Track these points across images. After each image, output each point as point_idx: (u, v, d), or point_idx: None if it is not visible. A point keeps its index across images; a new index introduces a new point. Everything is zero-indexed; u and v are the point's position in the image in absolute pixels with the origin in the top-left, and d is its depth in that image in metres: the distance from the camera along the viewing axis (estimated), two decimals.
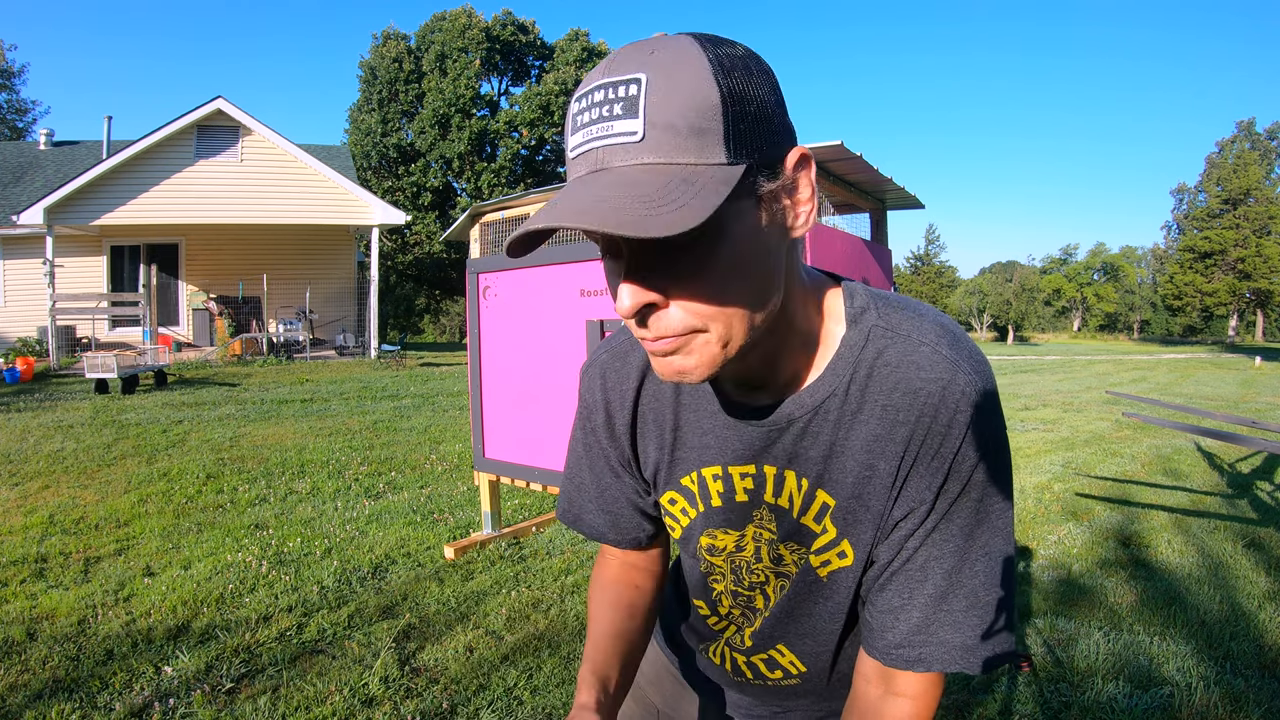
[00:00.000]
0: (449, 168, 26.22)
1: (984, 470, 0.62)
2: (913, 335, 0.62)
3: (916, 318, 0.63)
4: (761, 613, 0.77)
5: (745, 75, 0.50)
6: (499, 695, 2.18)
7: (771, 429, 0.66)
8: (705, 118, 0.48)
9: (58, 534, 3.71)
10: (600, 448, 0.79)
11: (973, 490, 0.62)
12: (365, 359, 13.46)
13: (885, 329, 0.63)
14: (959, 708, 2.12)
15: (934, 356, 0.61)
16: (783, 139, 0.52)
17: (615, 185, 0.47)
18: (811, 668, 0.79)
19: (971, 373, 0.61)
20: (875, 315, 0.63)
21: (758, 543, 0.73)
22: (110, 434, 6.32)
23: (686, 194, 0.46)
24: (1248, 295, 42.06)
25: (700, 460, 0.71)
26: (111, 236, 14.26)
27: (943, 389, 0.60)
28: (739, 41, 0.53)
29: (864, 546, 0.67)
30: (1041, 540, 3.62)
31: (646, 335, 0.54)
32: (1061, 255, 66.82)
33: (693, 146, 0.48)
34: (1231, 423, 4.57)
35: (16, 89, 31.69)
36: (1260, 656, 2.39)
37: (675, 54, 0.49)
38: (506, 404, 3.45)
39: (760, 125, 0.50)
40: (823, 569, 0.70)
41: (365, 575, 3.17)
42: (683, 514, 0.76)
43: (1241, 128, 43.18)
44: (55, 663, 2.34)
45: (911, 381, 0.61)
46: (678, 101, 0.48)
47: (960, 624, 0.64)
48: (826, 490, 0.66)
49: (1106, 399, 10.00)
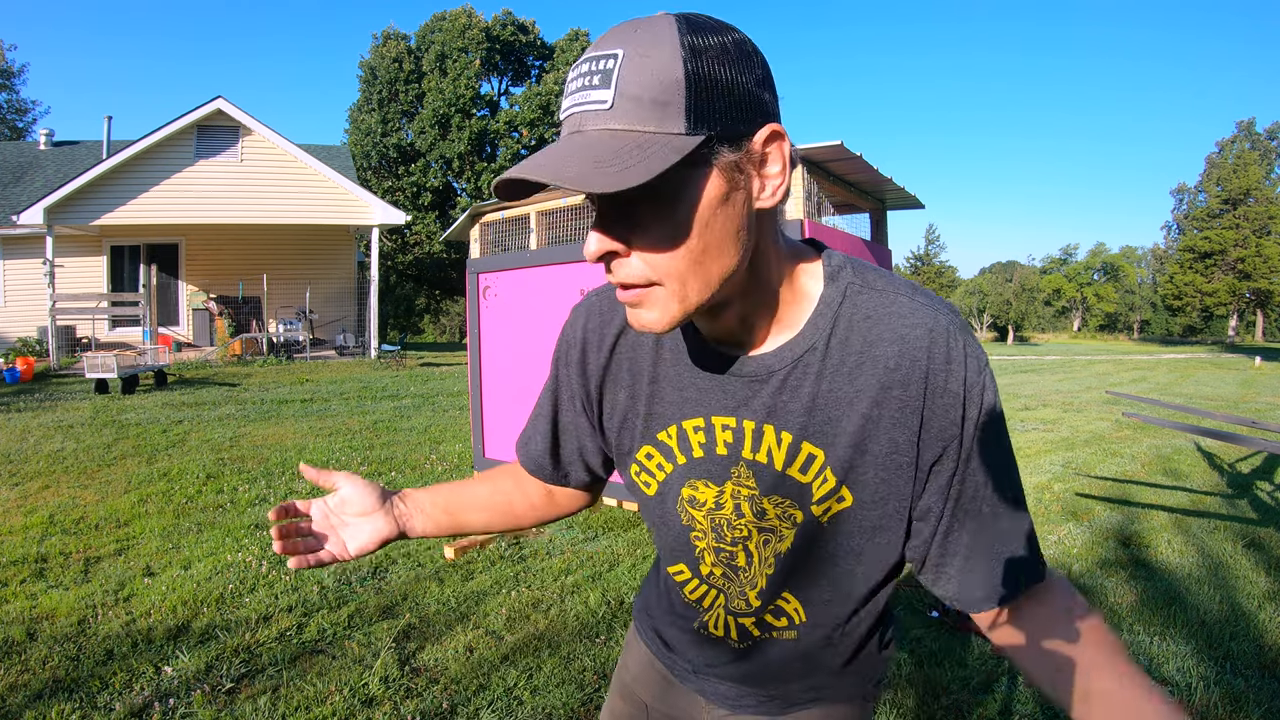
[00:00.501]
0: (449, 168, 26.23)
1: (992, 397, 0.67)
2: (887, 290, 0.67)
3: (888, 276, 0.69)
4: (748, 570, 0.78)
5: (718, 57, 0.54)
6: (499, 695, 2.18)
7: (751, 380, 0.69)
8: (669, 92, 0.53)
9: (58, 534, 3.71)
10: (568, 382, 0.83)
11: (990, 417, 0.66)
12: (365, 359, 13.46)
13: (861, 285, 0.67)
14: (959, 707, 2.12)
15: (911, 304, 0.66)
16: (754, 116, 0.56)
17: (581, 146, 0.54)
18: (812, 617, 0.79)
19: (950, 312, 0.67)
20: (851, 274, 0.68)
21: (736, 500, 0.74)
22: (110, 434, 6.32)
23: (636, 157, 0.52)
24: (1248, 295, 42.06)
25: (680, 414, 0.74)
26: (111, 236, 14.27)
27: (929, 331, 0.65)
28: (734, 27, 0.57)
29: (866, 489, 0.70)
30: (1041, 540, 3.60)
31: (613, 280, 0.60)
32: (1061, 255, 66.89)
33: (654, 117, 0.53)
34: (1231, 423, 4.57)
35: (16, 89, 31.73)
36: (1260, 656, 2.39)
37: (653, 34, 0.54)
38: (506, 404, 3.45)
39: (726, 102, 0.54)
40: (825, 516, 0.72)
41: (365, 575, 3.17)
42: (658, 469, 0.78)
43: (1241, 128, 43.20)
44: (55, 663, 2.34)
45: (896, 329, 0.65)
46: (645, 76, 0.53)
47: (1019, 548, 0.70)
48: (813, 443, 0.68)
49: (1106, 399, 10.00)
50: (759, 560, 0.77)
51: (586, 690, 2.22)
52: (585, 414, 0.83)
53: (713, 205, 0.56)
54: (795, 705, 0.84)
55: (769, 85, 0.57)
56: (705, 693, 0.90)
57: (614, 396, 0.79)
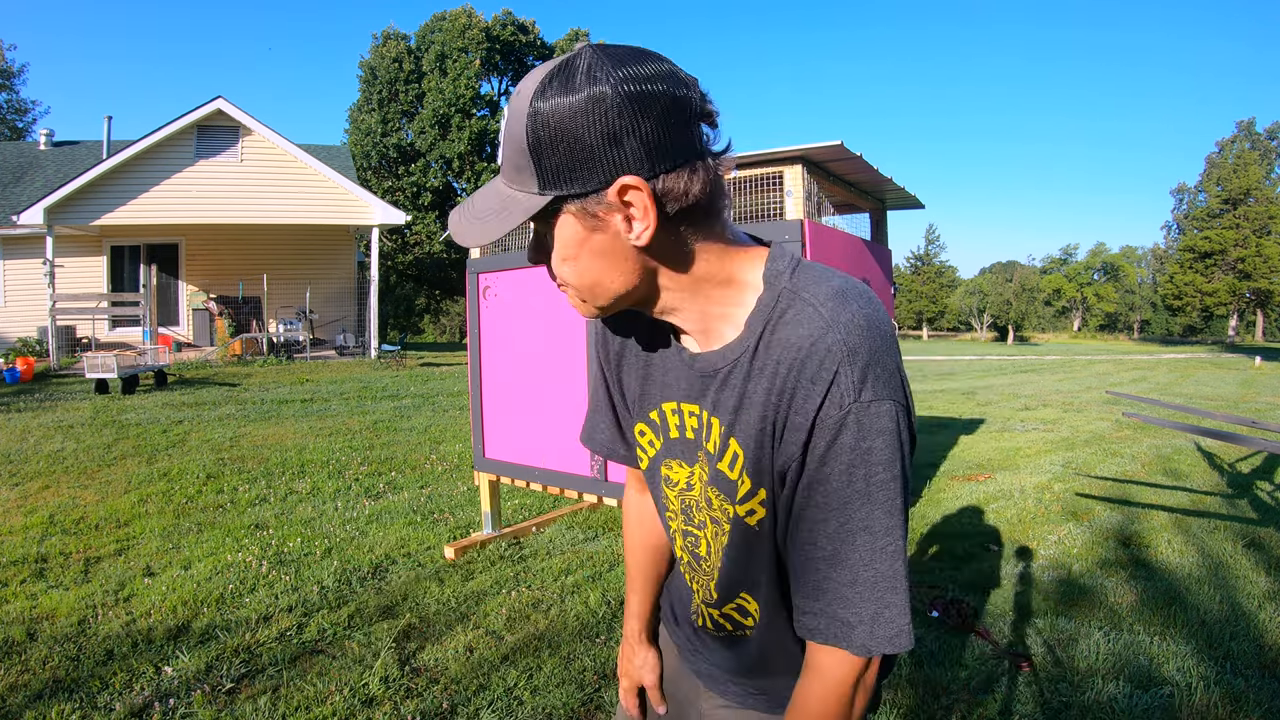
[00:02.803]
0: (449, 168, 26.23)
1: (855, 435, 0.63)
2: (807, 296, 0.68)
3: (820, 281, 0.69)
4: (707, 559, 0.83)
5: (562, 120, 0.60)
6: (499, 695, 2.18)
7: (704, 375, 0.75)
8: (522, 158, 0.63)
9: (58, 534, 3.71)
10: (602, 371, 0.91)
11: (842, 454, 0.64)
12: (365, 359, 13.46)
13: (791, 291, 0.69)
14: (959, 707, 2.12)
15: (814, 315, 0.66)
16: (598, 173, 0.61)
17: (476, 199, 0.69)
18: (765, 615, 0.82)
19: (844, 331, 0.64)
20: (788, 278, 0.70)
21: (701, 483, 0.79)
22: (110, 434, 6.32)
23: (498, 214, 0.66)
24: (1248, 295, 42.03)
25: (663, 396, 0.80)
26: (111, 236, 14.26)
27: (811, 344, 0.65)
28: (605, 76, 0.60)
29: (773, 495, 0.71)
30: (1041, 540, 3.62)
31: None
32: (1061, 255, 66.82)
33: (517, 178, 0.65)
34: (1231, 423, 4.57)
35: (16, 89, 31.71)
36: (1260, 656, 2.39)
37: (514, 102, 0.63)
38: (506, 404, 3.45)
39: (567, 163, 0.62)
40: (749, 518, 0.75)
41: (365, 575, 3.17)
42: (650, 445, 0.85)
43: (1241, 128, 43.17)
44: (55, 663, 2.34)
45: (792, 338, 0.67)
46: (508, 142, 0.64)
47: (844, 598, 0.66)
48: (737, 440, 0.72)
49: (1106, 399, 10.00)
50: (714, 552, 0.81)
51: (586, 690, 2.22)
52: (621, 397, 0.90)
53: (574, 244, 0.66)
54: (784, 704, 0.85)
55: (628, 134, 0.60)
56: (700, 674, 0.94)
57: (628, 380, 0.87)
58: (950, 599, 2.80)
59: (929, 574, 3.19)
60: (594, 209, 0.63)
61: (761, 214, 2.83)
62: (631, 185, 0.62)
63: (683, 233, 0.67)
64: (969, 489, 4.69)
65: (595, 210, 0.63)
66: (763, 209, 2.83)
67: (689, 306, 0.72)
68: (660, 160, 0.61)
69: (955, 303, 59.22)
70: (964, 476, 5.10)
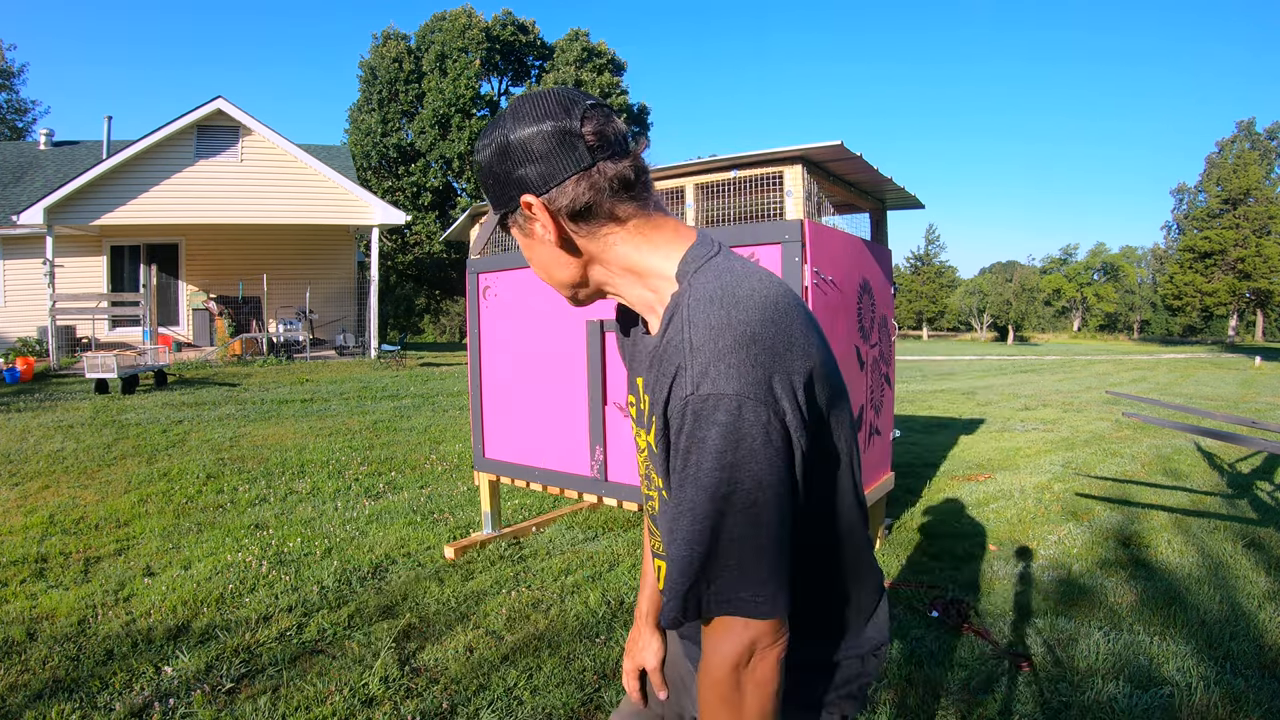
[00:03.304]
0: (449, 168, 26.23)
1: (691, 424, 0.69)
2: (688, 297, 0.75)
3: (710, 279, 0.76)
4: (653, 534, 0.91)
5: (492, 158, 0.80)
6: (499, 695, 2.18)
7: (648, 353, 0.82)
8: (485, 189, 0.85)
9: (58, 534, 3.71)
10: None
11: (681, 440, 0.71)
12: (365, 359, 13.46)
13: (685, 289, 0.77)
14: (959, 707, 2.12)
15: (681, 315, 0.74)
16: (513, 194, 0.80)
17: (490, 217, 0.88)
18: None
19: (693, 330, 0.72)
20: (692, 274, 0.78)
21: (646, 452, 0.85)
22: (110, 434, 6.32)
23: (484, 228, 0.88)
24: (1248, 295, 42.01)
25: (635, 371, 0.90)
26: (111, 236, 14.26)
27: (668, 342, 0.75)
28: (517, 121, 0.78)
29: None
30: (1041, 540, 3.62)
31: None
32: (1061, 255, 66.77)
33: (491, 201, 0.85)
34: (1231, 423, 4.57)
35: (16, 89, 31.70)
36: (1260, 656, 2.39)
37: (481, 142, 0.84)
38: (506, 404, 3.45)
39: (498, 189, 0.82)
40: (665, 491, 0.79)
41: (365, 575, 3.17)
42: (638, 415, 0.90)
43: (1241, 128, 43.14)
44: (55, 663, 2.34)
45: (669, 334, 0.75)
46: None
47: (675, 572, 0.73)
48: (657, 420, 0.76)
49: (1106, 399, 10.00)
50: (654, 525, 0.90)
51: (586, 690, 2.22)
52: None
53: (524, 248, 0.86)
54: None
55: (522, 165, 0.78)
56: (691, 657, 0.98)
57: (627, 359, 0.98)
58: (950, 599, 2.80)
59: (929, 574, 3.19)
60: (519, 221, 0.82)
61: (761, 214, 2.83)
62: (528, 201, 0.79)
63: (591, 228, 0.80)
64: (969, 489, 4.69)
65: (520, 222, 0.83)
66: (763, 209, 2.83)
67: (630, 293, 0.85)
68: (550, 179, 0.77)
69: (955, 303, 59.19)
70: (964, 476, 5.10)
